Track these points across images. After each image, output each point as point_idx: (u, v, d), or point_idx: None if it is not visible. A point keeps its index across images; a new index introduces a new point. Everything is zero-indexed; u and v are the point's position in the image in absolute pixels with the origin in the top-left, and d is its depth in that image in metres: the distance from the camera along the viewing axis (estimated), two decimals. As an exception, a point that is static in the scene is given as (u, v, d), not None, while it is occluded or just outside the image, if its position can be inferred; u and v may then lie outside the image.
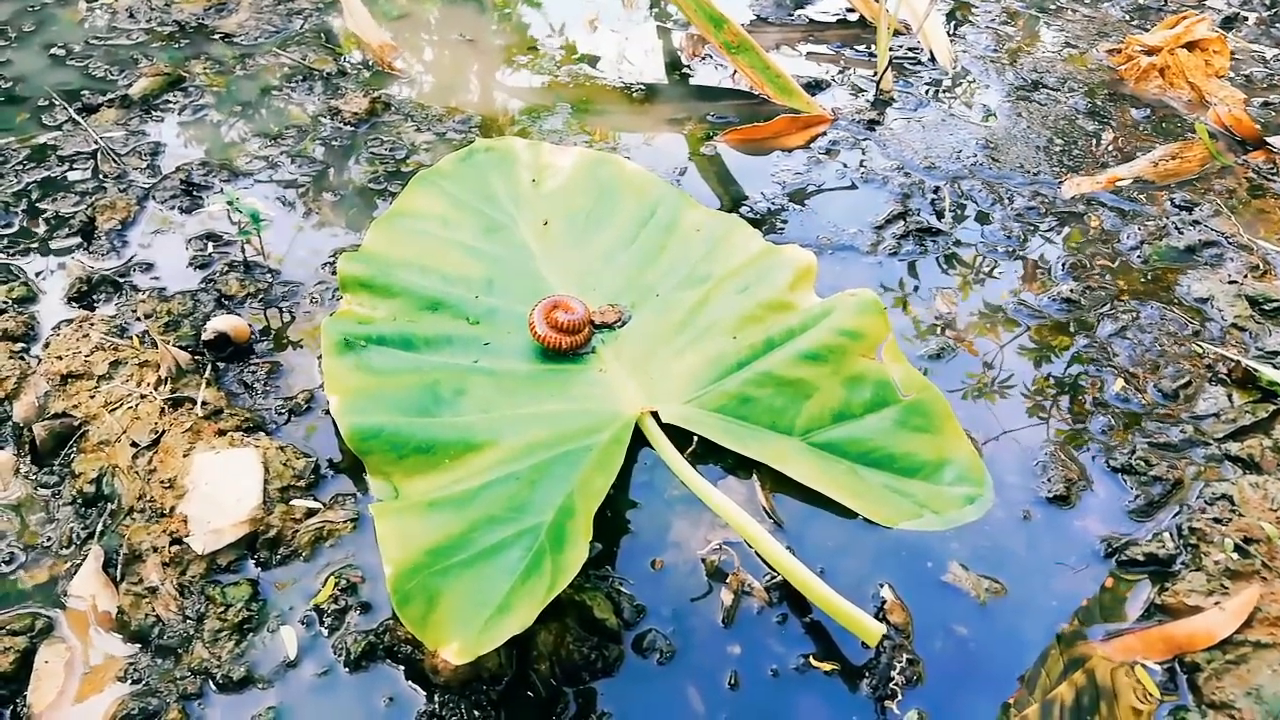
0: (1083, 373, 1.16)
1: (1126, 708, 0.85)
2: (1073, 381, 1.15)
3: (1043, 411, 1.11)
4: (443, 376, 1.06)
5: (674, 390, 1.07)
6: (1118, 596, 0.93)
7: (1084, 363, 1.17)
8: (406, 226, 1.25)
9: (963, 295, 1.26)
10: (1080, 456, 1.05)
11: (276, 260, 1.24)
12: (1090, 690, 0.86)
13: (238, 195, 1.18)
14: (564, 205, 1.31)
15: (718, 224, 1.27)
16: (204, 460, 0.95)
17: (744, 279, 1.18)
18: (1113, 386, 1.14)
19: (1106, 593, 0.93)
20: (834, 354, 1.07)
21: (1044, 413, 1.11)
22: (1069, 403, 1.12)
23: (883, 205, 1.40)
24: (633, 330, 1.15)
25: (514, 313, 1.15)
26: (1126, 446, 1.06)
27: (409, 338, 1.10)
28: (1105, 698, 0.85)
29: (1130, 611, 0.92)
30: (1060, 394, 1.13)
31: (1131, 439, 1.07)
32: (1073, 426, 1.09)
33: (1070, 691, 0.86)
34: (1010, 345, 1.19)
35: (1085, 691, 0.86)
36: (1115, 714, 0.85)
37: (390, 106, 1.53)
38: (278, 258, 1.24)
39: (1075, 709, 0.85)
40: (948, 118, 1.60)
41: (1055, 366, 1.16)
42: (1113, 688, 0.86)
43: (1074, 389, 1.14)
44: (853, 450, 1.03)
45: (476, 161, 1.36)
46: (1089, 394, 1.13)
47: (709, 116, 1.57)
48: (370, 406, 1.01)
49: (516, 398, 1.05)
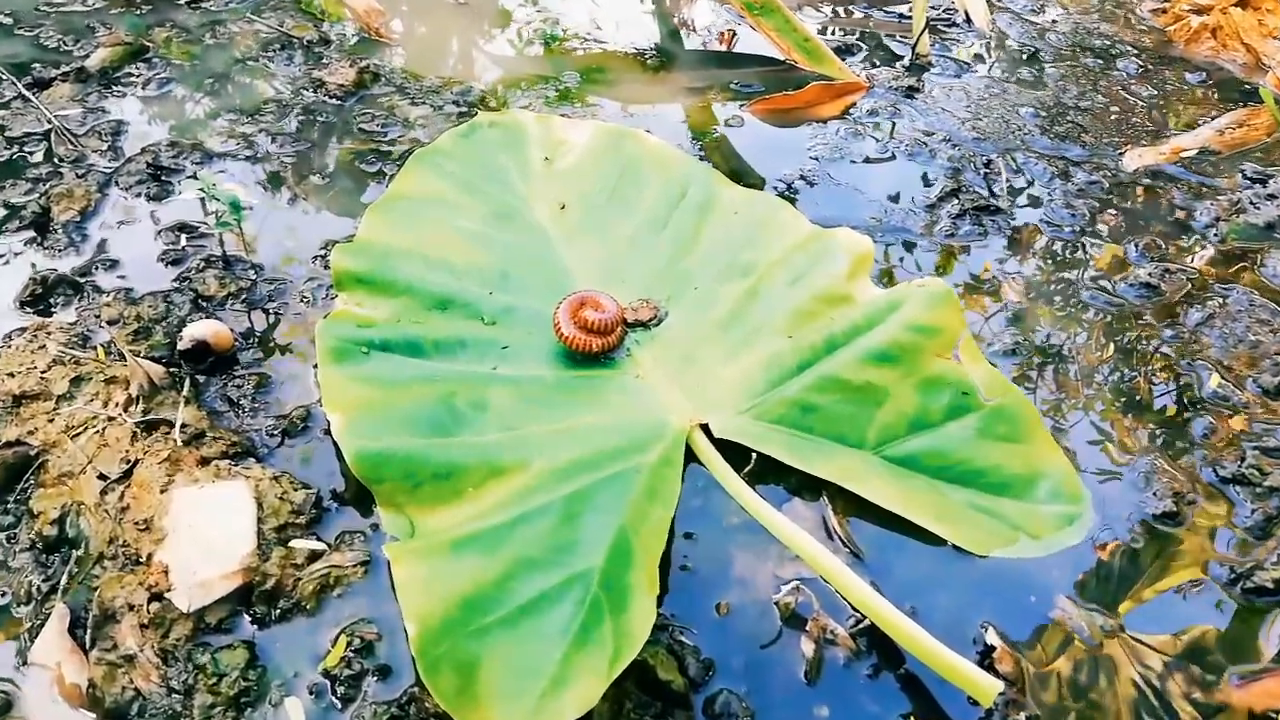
0: (1174, 367, 1.03)
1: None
2: (1164, 378, 1.02)
3: (1135, 413, 0.98)
4: (459, 387, 0.92)
5: (725, 399, 0.94)
6: (1249, 630, 0.81)
7: (1174, 356, 1.04)
8: (406, 212, 1.10)
9: (1031, 282, 1.13)
10: (1185, 465, 0.93)
11: (260, 254, 1.09)
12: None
13: (213, 180, 1.03)
14: (582, 185, 1.16)
15: (758, 204, 1.13)
16: (185, 496, 0.81)
17: (794, 268, 1.04)
18: (1209, 383, 1.02)
19: (1235, 626, 0.81)
20: (906, 353, 0.94)
21: (1137, 415, 0.98)
22: (1163, 402, 1.00)
23: (933, 181, 1.27)
24: (670, 329, 1.01)
25: (534, 310, 1.01)
26: (1234, 452, 0.94)
27: (417, 342, 0.96)
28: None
29: (1266, 648, 0.80)
30: (1152, 393, 1.01)
31: (1239, 443, 0.95)
32: (1171, 430, 0.97)
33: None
34: (1090, 337, 1.06)
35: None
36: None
37: (380, 77, 1.38)
38: (261, 251, 1.09)
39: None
40: (992, 84, 1.46)
41: (1142, 360, 1.04)
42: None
43: (1166, 386, 1.01)
44: (933, 464, 0.90)
45: (481, 138, 1.21)
46: (1184, 392, 1.01)
47: (733, 85, 1.42)
48: (377, 426, 0.87)
49: (544, 410, 0.91)
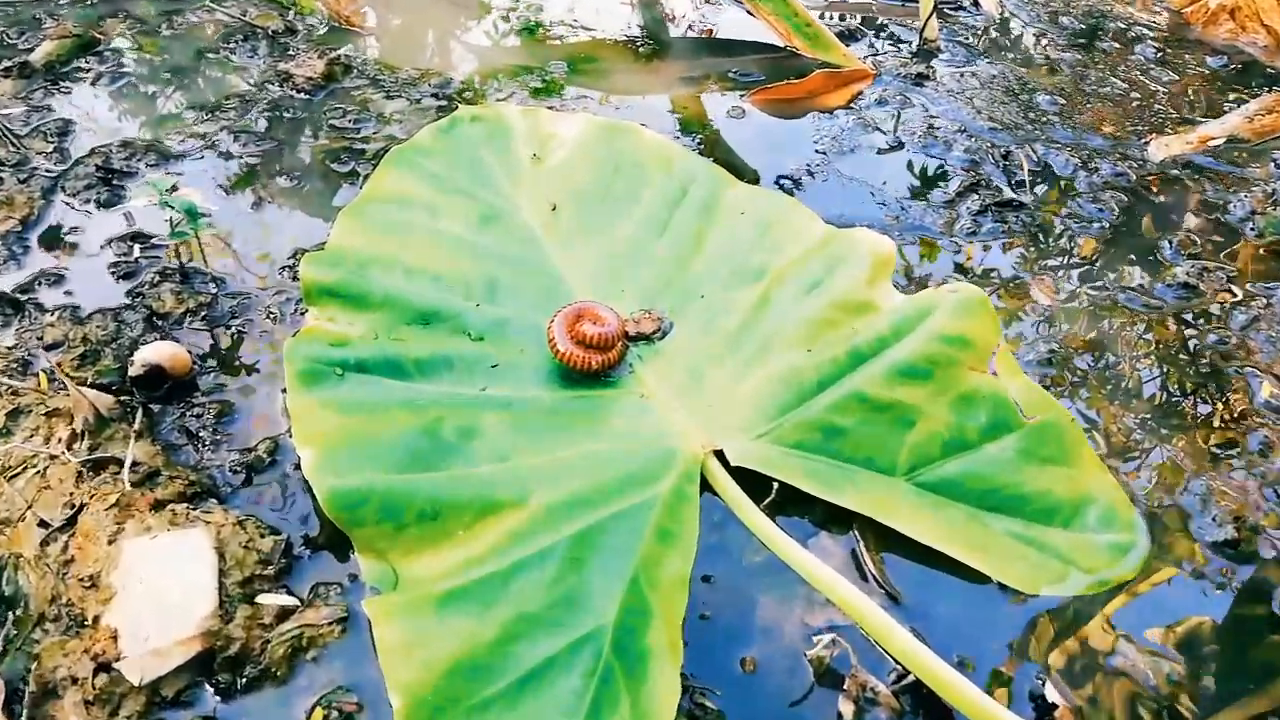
0: (1221, 375, 0.95)
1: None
2: (1212, 386, 0.94)
3: (1183, 427, 0.90)
4: (445, 413, 0.82)
5: (739, 421, 0.85)
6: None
7: (1220, 362, 0.96)
8: (382, 216, 1.00)
9: (1062, 283, 1.05)
10: (1242, 484, 0.85)
11: (221, 265, 0.99)
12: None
13: (168, 185, 0.93)
14: (574, 184, 1.07)
15: (765, 203, 1.04)
16: (136, 547, 0.71)
17: (809, 272, 0.95)
18: (1260, 392, 0.94)
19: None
20: (938, 367, 0.85)
21: (1185, 429, 0.90)
22: (1212, 414, 0.91)
23: (949, 175, 1.18)
24: (676, 342, 0.92)
25: (527, 324, 0.92)
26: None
27: (397, 361, 0.86)
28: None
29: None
30: (1200, 402, 0.92)
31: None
32: (1224, 445, 0.88)
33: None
34: (1128, 343, 0.98)
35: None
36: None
37: (351, 69, 1.28)
38: (223, 262, 0.99)
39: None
40: (1006, 70, 1.38)
41: (1187, 367, 0.96)
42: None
43: (1214, 396, 0.93)
44: (972, 491, 0.81)
45: (462, 134, 1.12)
46: (1234, 402, 0.93)
47: (731, 74, 1.33)
48: (354, 460, 0.77)
49: (541, 437, 0.82)
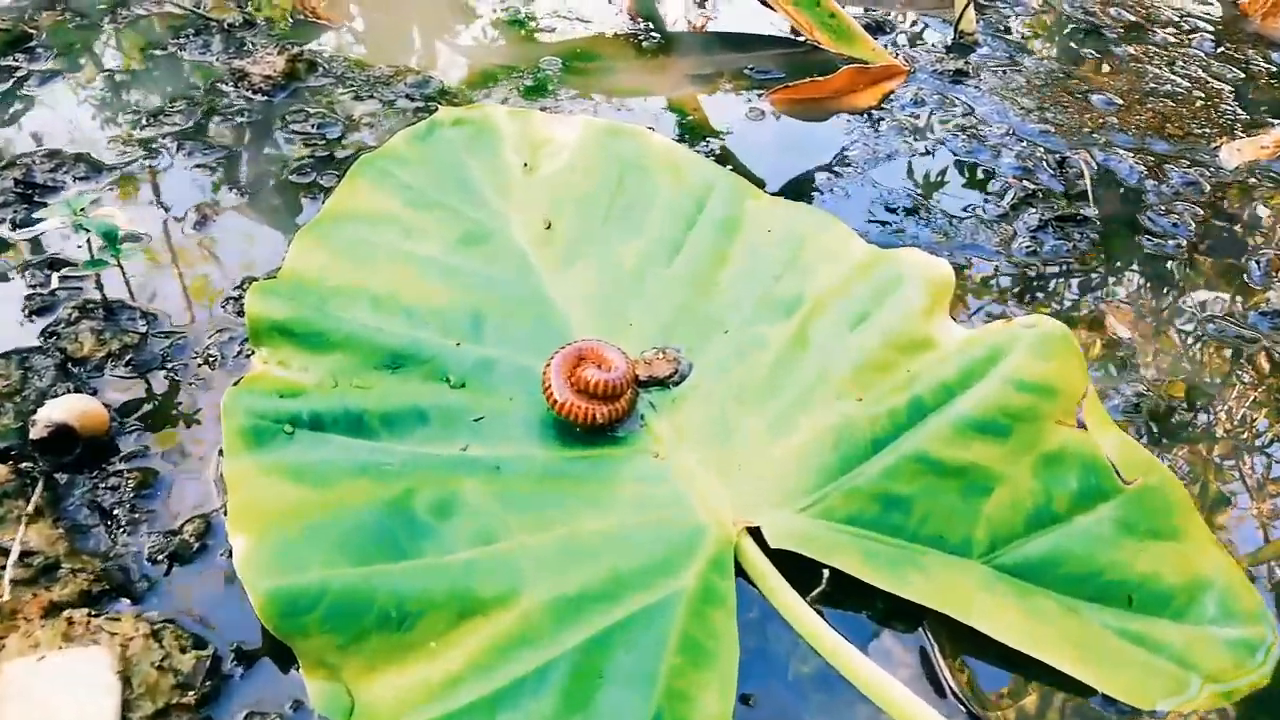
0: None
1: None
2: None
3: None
4: (417, 481, 0.67)
5: (778, 489, 0.69)
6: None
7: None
8: (347, 237, 0.85)
9: (1140, 311, 0.90)
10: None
11: (154, 298, 0.83)
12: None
13: (85, 202, 0.77)
14: (571, 197, 0.92)
15: (795, 217, 0.89)
16: (18, 673, 0.55)
17: (853, 302, 0.80)
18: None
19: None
20: (1017, 421, 0.70)
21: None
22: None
23: (1000, 184, 1.03)
24: (696, 388, 0.77)
25: (516, 366, 0.77)
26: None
27: (359, 415, 0.71)
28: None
29: None
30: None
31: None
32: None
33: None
34: (1225, 383, 0.83)
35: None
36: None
37: (316, 67, 1.12)
38: (156, 294, 0.84)
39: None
40: (1054, 66, 1.23)
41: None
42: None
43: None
44: (1065, 574, 0.66)
45: (442, 139, 0.96)
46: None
47: (746, 70, 1.18)
48: (300, 549, 0.62)
49: (534, 510, 0.67)
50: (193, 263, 0.88)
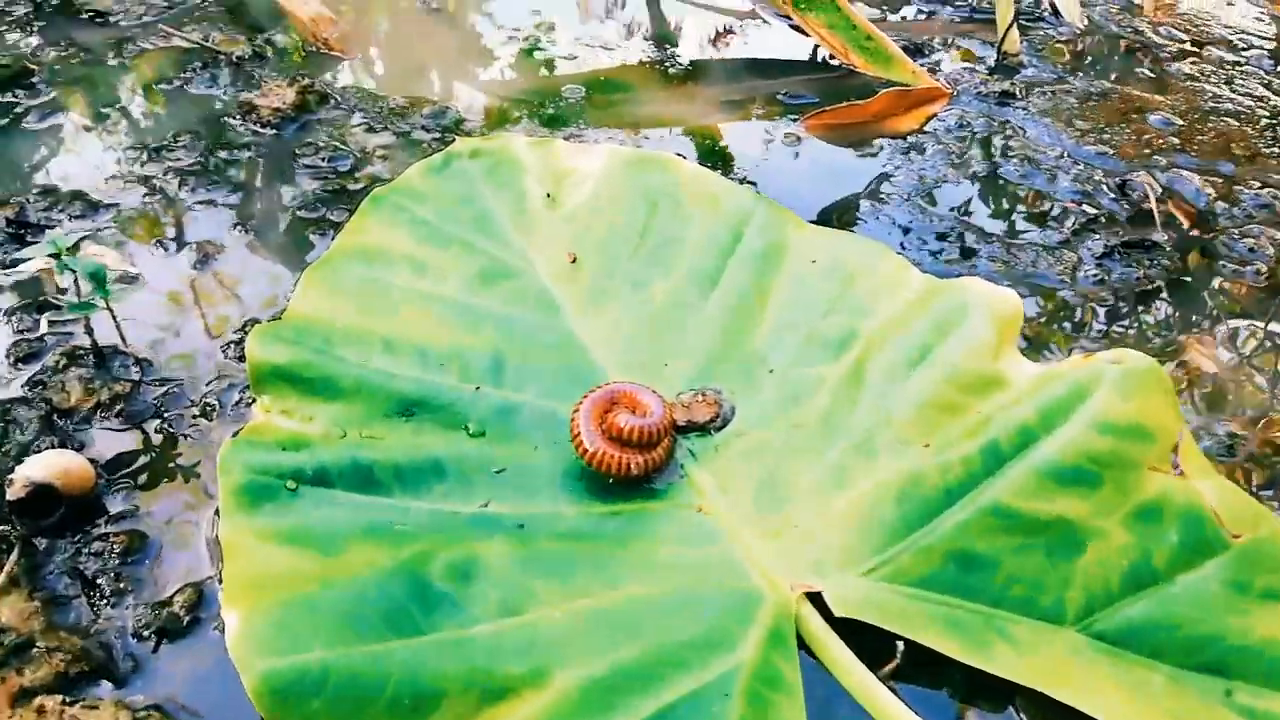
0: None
1: None
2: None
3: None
4: (433, 543, 0.60)
5: (839, 548, 0.62)
6: None
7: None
8: (357, 276, 0.79)
9: (1226, 343, 0.82)
10: None
11: (148, 344, 0.77)
12: None
13: (73, 241, 0.71)
14: (598, 231, 0.85)
15: (843, 248, 0.82)
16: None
17: (912, 337, 0.73)
18: None
19: None
20: (1108, 469, 0.62)
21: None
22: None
23: (1058, 209, 0.96)
24: (741, 435, 0.69)
25: (541, 412, 0.70)
26: None
27: (369, 469, 0.64)
28: None
29: None
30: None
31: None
32: None
33: None
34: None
35: None
36: None
37: (328, 99, 1.07)
38: (150, 340, 0.77)
39: None
40: (1105, 86, 1.16)
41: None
42: None
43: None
44: (1171, 642, 0.58)
45: (459, 171, 0.90)
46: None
47: (779, 96, 1.12)
48: (300, 625, 0.54)
49: (564, 575, 0.60)
50: (192, 305, 0.81)
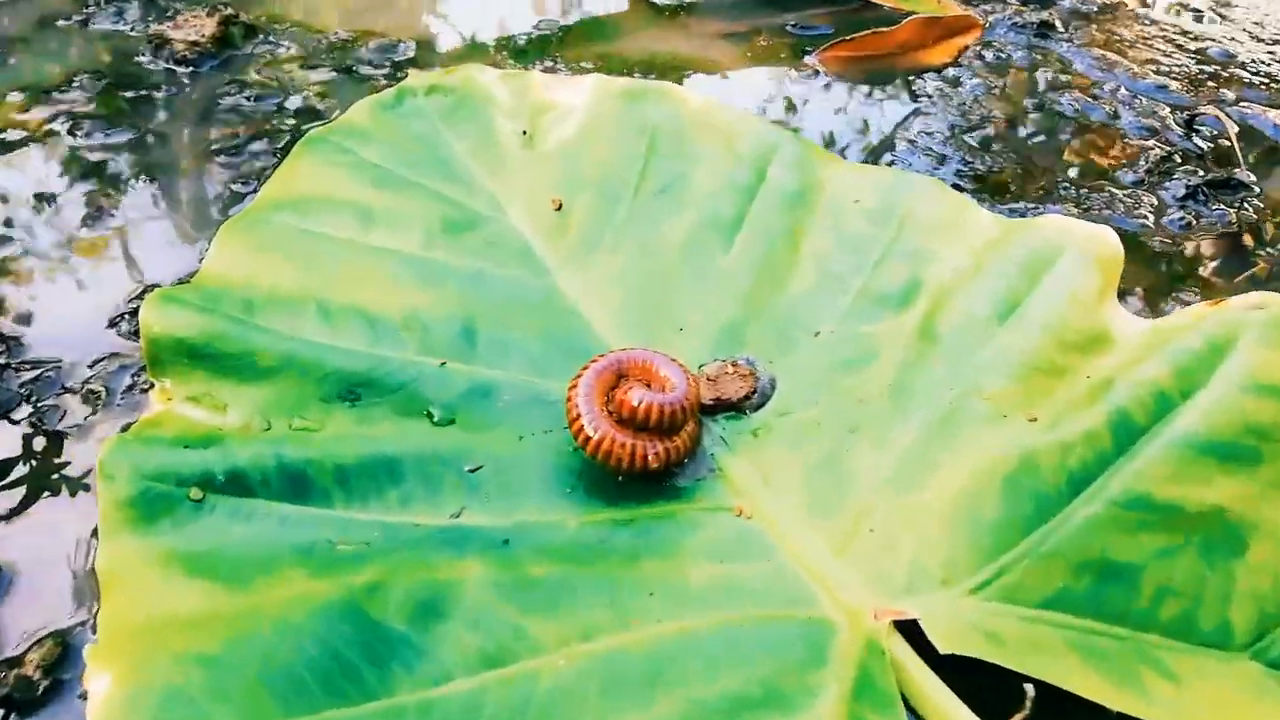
0: None
1: None
2: None
3: None
4: (386, 570, 0.44)
5: (929, 559, 0.46)
6: None
7: None
8: (287, 230, 0.62)
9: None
10: None
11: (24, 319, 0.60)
12: None
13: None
14: (587, 172, 0.69)
15: (892, 186, 0.67)
16: None
17: (994, 286, 0.58)
18: None
19: None
20: (1265, 440, 0.47)
21: None
22: None
23: (1129, 148, 0.82)
24: (784, 412, 0.54)
25: (527, 391, 0.54)
26: None
27: (300, 471, 0.48)
28: None
29: None
30: None
31: None
32: None
33: None
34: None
35: None
36: None
37: (255, 31, 0.90)
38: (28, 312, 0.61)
39: None
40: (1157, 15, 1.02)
41: None
42: None
43: None
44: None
45: (415, 108, 0.74)
46: None
47: (788, 28, 0.97)
48: (200, 693, 0.38)
49: (565, 609, 0.44)
50: (78, 269, 0.65)
